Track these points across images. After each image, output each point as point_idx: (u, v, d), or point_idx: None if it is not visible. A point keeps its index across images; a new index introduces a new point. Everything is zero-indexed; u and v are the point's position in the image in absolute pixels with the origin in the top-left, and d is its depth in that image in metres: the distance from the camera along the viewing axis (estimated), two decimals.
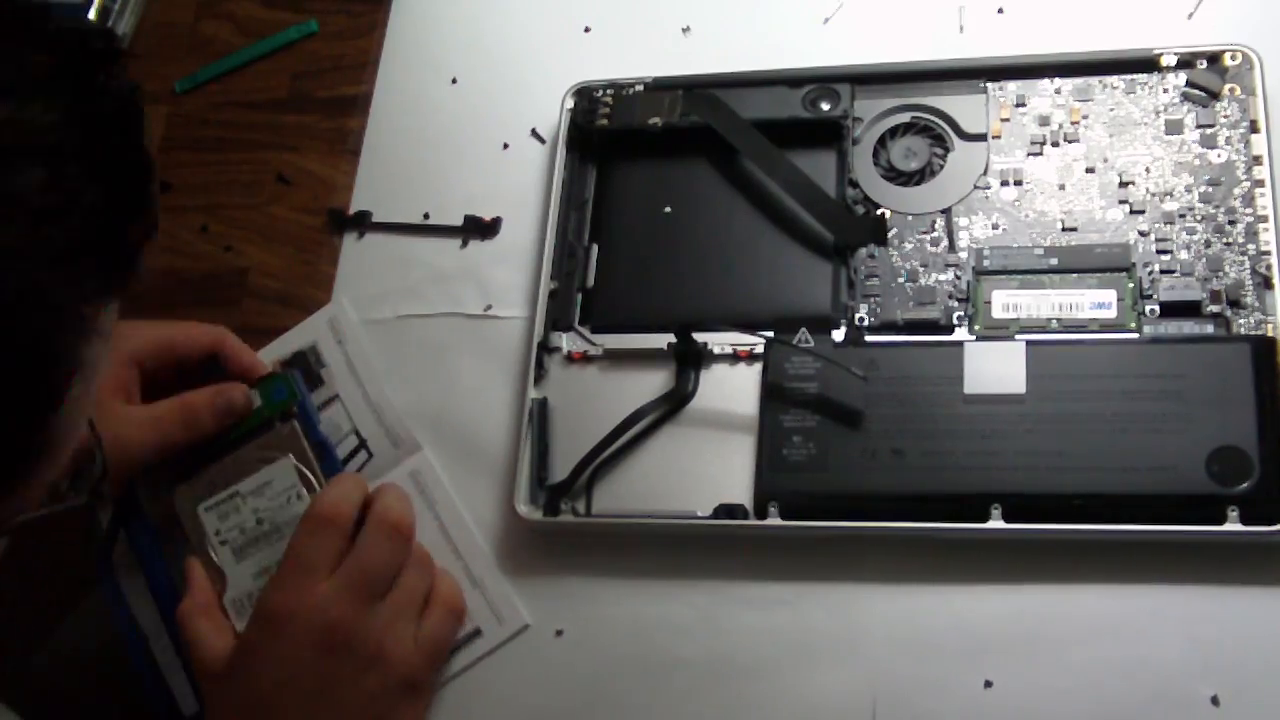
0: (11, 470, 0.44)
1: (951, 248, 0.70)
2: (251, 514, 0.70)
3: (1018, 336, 0.66)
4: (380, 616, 0.64)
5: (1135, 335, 0.66)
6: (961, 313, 0.68)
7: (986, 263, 0.69)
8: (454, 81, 0.84)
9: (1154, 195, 0.68)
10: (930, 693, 0.63)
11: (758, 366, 0.69)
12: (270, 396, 0.72)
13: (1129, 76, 0.71)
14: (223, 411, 0.70)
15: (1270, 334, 0.64)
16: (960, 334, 0.68)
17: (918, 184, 0.72)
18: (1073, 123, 0.71)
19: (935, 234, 0.71)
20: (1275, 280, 0.65)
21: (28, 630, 0.75)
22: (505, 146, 0.80)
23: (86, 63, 0.44)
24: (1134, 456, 0.62)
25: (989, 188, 0.71)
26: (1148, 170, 0.69)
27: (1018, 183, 0.71)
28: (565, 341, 0.73)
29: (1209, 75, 0.70)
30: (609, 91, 0.77)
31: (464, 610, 0.68)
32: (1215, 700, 0.60)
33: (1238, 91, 0.69)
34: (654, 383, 0.71)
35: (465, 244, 0.79)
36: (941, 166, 0.72)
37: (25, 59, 0.42)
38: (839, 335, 0.69)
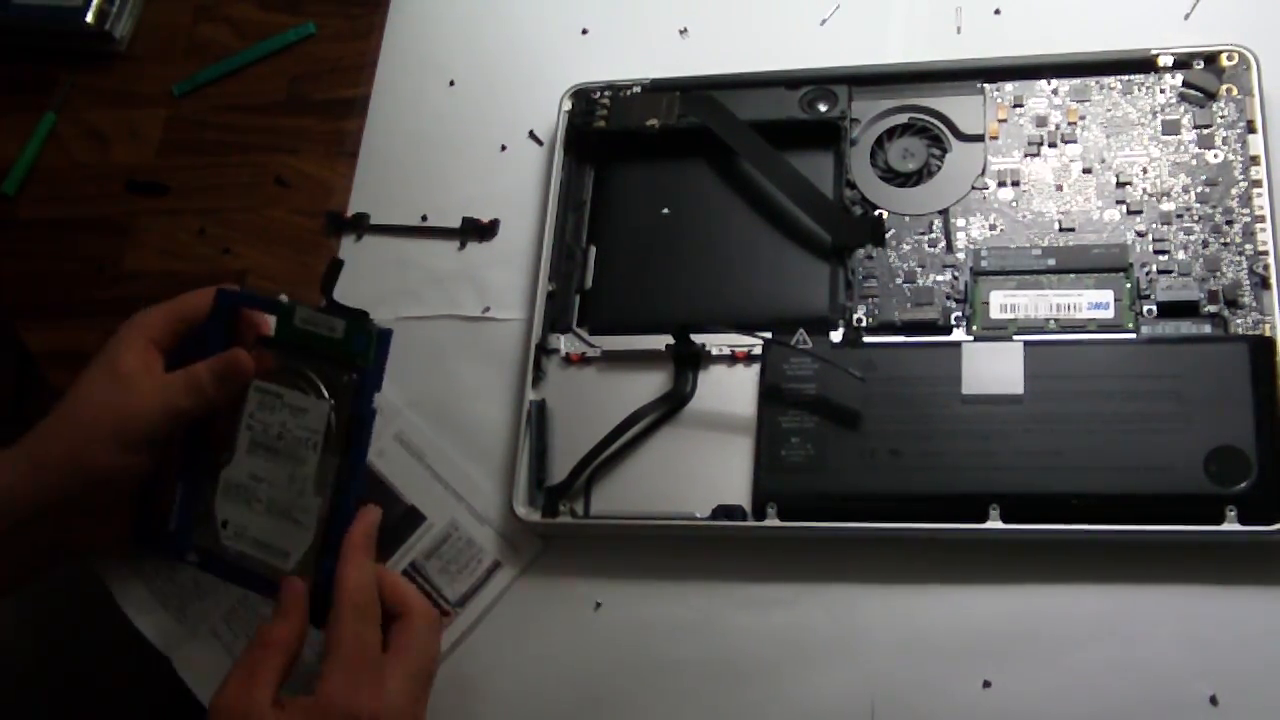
0: None
1: (949, 248, 0.70)
2: (279, 424, 0.69)
3: (1015, 337, 0.66)
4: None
5: (1133, 335, 0.66)
6: (959, 313, 0.68)
7: (984, 263, 0.69)
8: (452, 84, 0.84)
9: (1151, 195, 0.69)
10: (929, 693, 0.63)
11: (756, 368, 0.69)
12: (350, 337, 0.67)
13: (1126, 77, 0.71)
14: (222, 376, 0.70)
15: (1268, 334, 0.64)
16: (958, 334, 0.68)
17: (915, 185, 0.72)
18: (1070, 123, 0.71)
19: (933, 235, 0.71)
20: (1272, 280, 0.65)
21: None
22: (503, 148, 0.81)
23: None
24: (1132, 456, 0.62)
25: (986, 188, 0.71)
26: (1145, 171, 0.69)
27: (1015, 183, 0.71)
28: (563, 343, 0.73)
29: (1206, 76, 0.70)
30: (606, 93, 0.77)
31: (428, 663, 0.66)
32: (1214, 700, 0.60)
33: (1234, 92, 0.69)
34: (652, 384, 0.71)
35: (463, 246, 0.79)
36: (939, 167, 0.72)
37: None
38: (837, 336, 0.69)
